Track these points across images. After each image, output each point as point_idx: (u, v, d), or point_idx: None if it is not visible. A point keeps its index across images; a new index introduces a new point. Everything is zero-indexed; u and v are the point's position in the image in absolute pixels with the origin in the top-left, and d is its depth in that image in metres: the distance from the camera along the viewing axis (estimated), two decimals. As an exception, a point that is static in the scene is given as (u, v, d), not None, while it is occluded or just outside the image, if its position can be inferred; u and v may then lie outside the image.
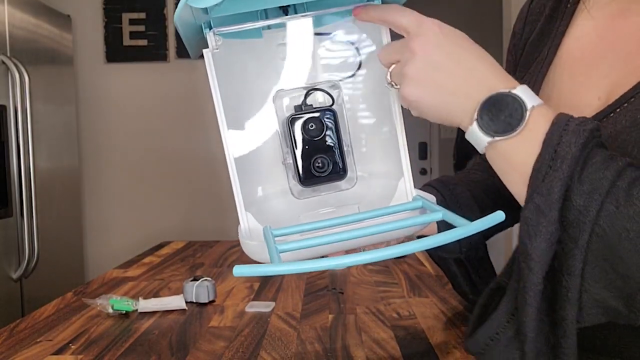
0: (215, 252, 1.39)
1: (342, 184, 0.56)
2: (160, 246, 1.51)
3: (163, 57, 2.76)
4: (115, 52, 2.76)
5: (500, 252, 0.77)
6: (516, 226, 0.53)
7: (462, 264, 0.75)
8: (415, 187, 0.55)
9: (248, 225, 0.53)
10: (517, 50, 0.73)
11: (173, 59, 2.76)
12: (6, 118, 2.01)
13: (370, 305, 0.85)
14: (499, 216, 0.43)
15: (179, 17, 0.48)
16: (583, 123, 0.43)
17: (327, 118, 0.54)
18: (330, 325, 0.76)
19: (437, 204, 0.71)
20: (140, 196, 2.81)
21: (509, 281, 0.49)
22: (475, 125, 0.46)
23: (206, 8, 0.48)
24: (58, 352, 0.70)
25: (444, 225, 0.66)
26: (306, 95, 0.55)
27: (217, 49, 0.51)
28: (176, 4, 2.72)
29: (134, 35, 2.75)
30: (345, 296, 0.93)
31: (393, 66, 0.50)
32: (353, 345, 0.67)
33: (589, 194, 0.40)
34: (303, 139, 0.54)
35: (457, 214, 0.65)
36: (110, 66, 2.78)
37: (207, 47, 0.51)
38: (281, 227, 0.50)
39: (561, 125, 0.43)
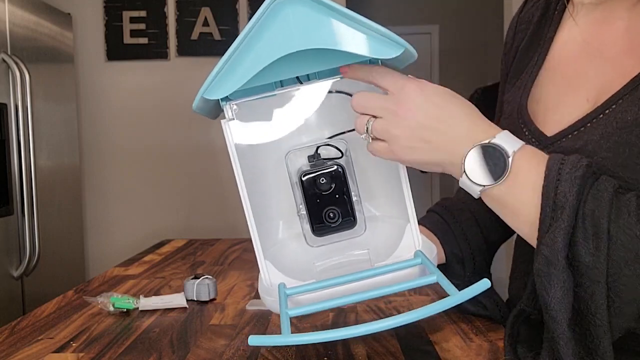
0: (216, 250, 1.39)
1: (352, 231, 0.59)
2: (161, 244, 1.51)
3: (164, 55, 2.75)
4: (116, 50, 2.76)
5: (500, 251, 0.79)
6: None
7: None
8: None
9: (269, 275, 0.58)
10: (508, 59, 0.75)
11: (174, 57, 2.76)
12: (7, 116, 2.01)
13: (371, 303, 0.85)
14: (484, 284, 0.46)
15: (197, 108, 0.53)
16: (574, 169, 0.46)
17: (336, 173, 0.57)
18: (330, 323, 0.76)
19: (442, 231, 0.76)
20: (141, 194, 2.81)
21: (532, 306, 0.53)
22: (464, 177, 0.50)
23: None
24: (59, 350, 0.70)
25: (454, 262, 0.74)
26: (317, 150, 0.59)
27: (233, 118, 0.54)
28: (177, 2, 2.72)
29: (134, 33, 2.75)
30: (345, 294, 0.93)
31: (372, 121, 0.53)
32: (353, 343, 0.67)
33: (593, 235, 0.44)
34: (315, 193, 0.57)
35: (458, 240, 0.73)
36: (110, 64, 2.78)
37: (221, 109, 0.54)
38: (293, 287, 0.55)
39: (554, 175, 0.46)
